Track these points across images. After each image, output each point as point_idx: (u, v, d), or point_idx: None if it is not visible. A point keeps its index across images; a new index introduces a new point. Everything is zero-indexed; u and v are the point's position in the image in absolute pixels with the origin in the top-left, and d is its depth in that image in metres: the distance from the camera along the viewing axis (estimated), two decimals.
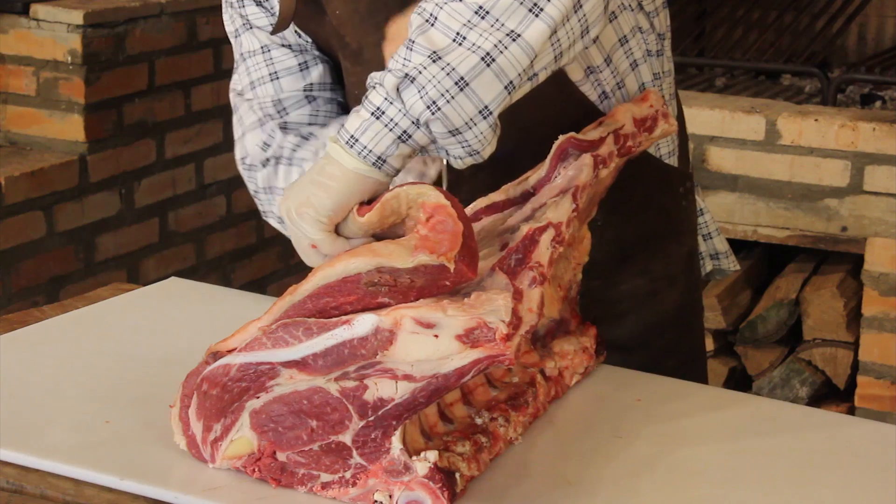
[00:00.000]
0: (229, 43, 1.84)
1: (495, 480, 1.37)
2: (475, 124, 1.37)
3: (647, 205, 1.74)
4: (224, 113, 3.76)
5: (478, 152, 1.40)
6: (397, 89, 1.36)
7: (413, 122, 1.37)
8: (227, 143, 3.77)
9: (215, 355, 1.37)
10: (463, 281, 1.33)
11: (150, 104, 3.54)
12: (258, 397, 1.34)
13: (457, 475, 1.31)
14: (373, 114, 1.37)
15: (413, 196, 1.34)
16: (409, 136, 1.37)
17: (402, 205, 1.35)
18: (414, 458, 1.30)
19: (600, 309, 1.71)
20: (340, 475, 1.32)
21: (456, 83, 1.36)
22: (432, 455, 1.30)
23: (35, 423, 1.46)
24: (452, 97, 1.36)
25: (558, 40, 1.40)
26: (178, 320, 1.77)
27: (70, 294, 3.25)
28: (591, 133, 1.53)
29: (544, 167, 1.53)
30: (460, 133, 1.37)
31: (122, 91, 3.45)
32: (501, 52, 1.36)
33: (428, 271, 1.31)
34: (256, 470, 1.35)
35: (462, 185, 1.64)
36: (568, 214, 1.46)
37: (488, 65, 1.36)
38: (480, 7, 1.37)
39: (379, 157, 1.38)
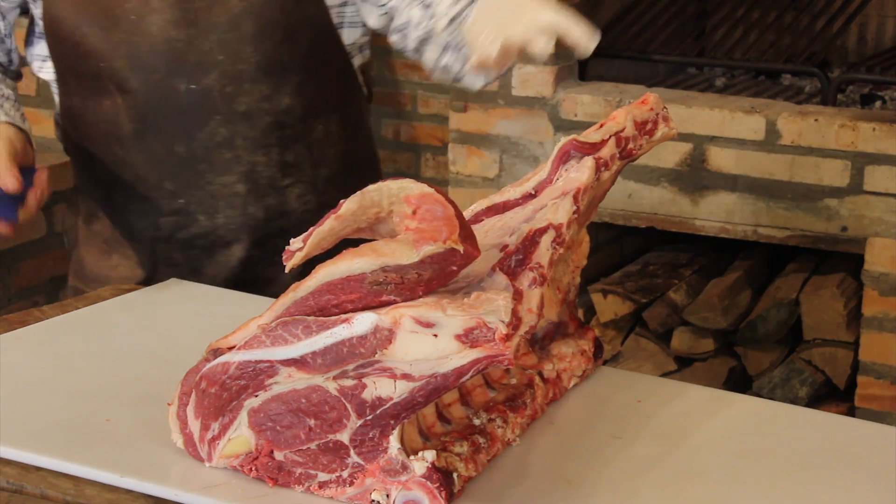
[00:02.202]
0: None
1: (494, 481, 1.37)
2: None
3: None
4: None
5: None
6: None
7: None
8: None
9: (216, 352, 1.37)
10: (470, 261, 1.32)
11: None
12: (256, 396, 1.34)
13: (454, 475, 1.31)
14: None
15: (395, 190, 1.32)
16: None
17: (384, 198, 1.33)
18: (412, 457, 1.30)
19: None
20: (338, 474, 1.32)
21: None
22: (430, 455, 1.30)
23: (35, 423, 1.46)
24: None
25: None
26: (178, 320, 1.78)
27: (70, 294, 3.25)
28: (592, 135, 1.54)
29: (546, 169, 1.53)
30: None
31: None
32: None
33: (435, 260, 1.30)
34: (254, 469, 1.35)
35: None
36: (569, 216, 1.46)
37: None
38: None
39: None
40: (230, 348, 1.36)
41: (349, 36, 1.97)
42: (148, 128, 1.92)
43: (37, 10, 2.01)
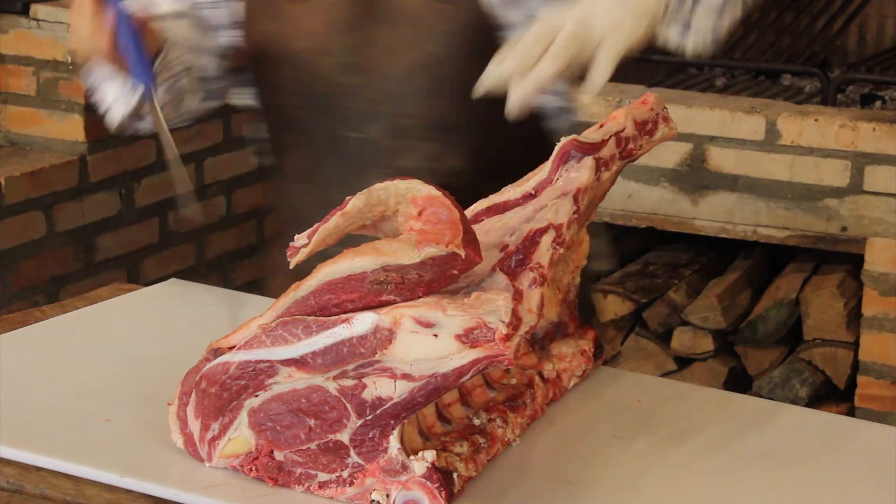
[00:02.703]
0: None
1: (494, 481, 1.37)
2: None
3: None
4: (224, 113, 3.76)
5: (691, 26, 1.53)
6: None
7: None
8: (228, 143, 3.78)
9: (216, 352, 1.37)
10: (471, 266, 1.32)
11: None
12: (256, 396, 1.34)
13: (454, 475, 1.31)
14: None
15: (402, 191, 1.32)
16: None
17: (391, 197, 1.32)
18: (412, 457, 1.30)
19: None
20: (338, 474, 1.32)
21: None
22: (430, 455, 1.30)
23: (35, 422, 1.46)
24: None
25: None
26: (178, 320, 1.77)
27: (70, 294, 3.25)
28: (593, 135, 1.54)
29: (546, 169, 1.53)
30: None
31: None
32: None
33: (436, 263, 1.30)
34: (254, 469, 1.35)
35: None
36: (569, 216, 1.46)
37: None
38: None
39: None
40: (230, 348, 1.36)
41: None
42: (313, 169, 1.84)
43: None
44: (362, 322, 1.30)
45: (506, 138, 1.74)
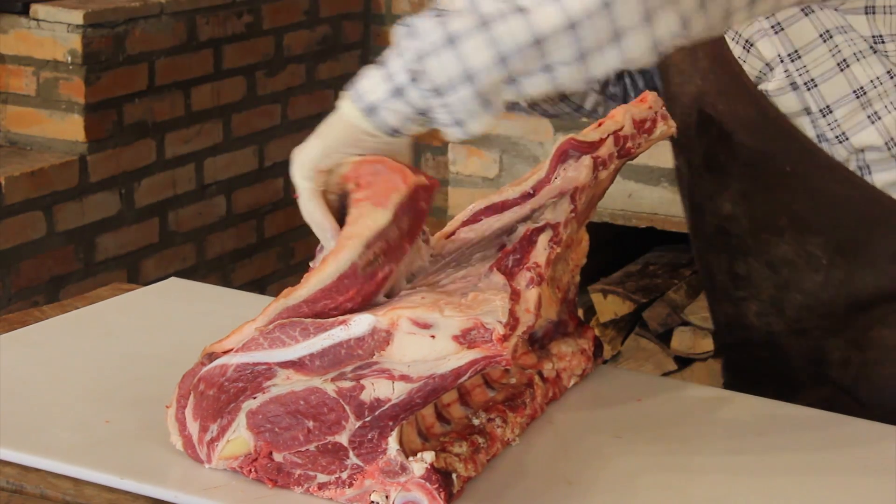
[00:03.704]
0: (229, 43, 1.82)
1: (493, 481, 1.37)
2: (456, 88, 1.28)
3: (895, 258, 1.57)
4: (224, 113, 3.76)
5: (462, 122, 1.30)
6: (401, 39, 1.32)
7: (407, 75, 1.30)
8: (227, 143, 3.78)
9: (211, 356, 1.37)
10: (433, 189, 1.33)
11: (150, 104, 3.54)
12: (255, 398, 1.34)
13: (454, 476, 1.31)
14: (378, 63, 1.33)
15: (336, 178, 1.36)
16: (402, 92, 1.30)
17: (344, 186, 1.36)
18: (410, 458, 1.30)
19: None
20: (337, 476, 1.32)
21: (446, 38, 1.28)
22: (429, 456, 1.30)
23: (35, 423, 1.46)
24: (437, 51, 1.28)
25: (580, 37, 1.27)
26: (178, 320, 1.77)
27: (70, 294, 3.25)
28: (591, 134, 1.53)
29: (544, 169, 1.53)
30: (443, 95, 1.29)
31: (122, 91, 3.45)
32: (501, 20, 1.27)
33: (405, 206, 1.31)
34: (253, 470, 1.35)
35: None
36: (566, 215, 1.46)
37: (482, 28, 1.27)
38: None
39: (369, 106, 1.32)
40: (225, 352, 1.36)
41: (840, 151, 1.56)
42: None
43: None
44: (360, 324, 1.30)
45: (780, 191, 1.59)
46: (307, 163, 1.36)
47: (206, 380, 1.36)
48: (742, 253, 1.62)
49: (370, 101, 1.32)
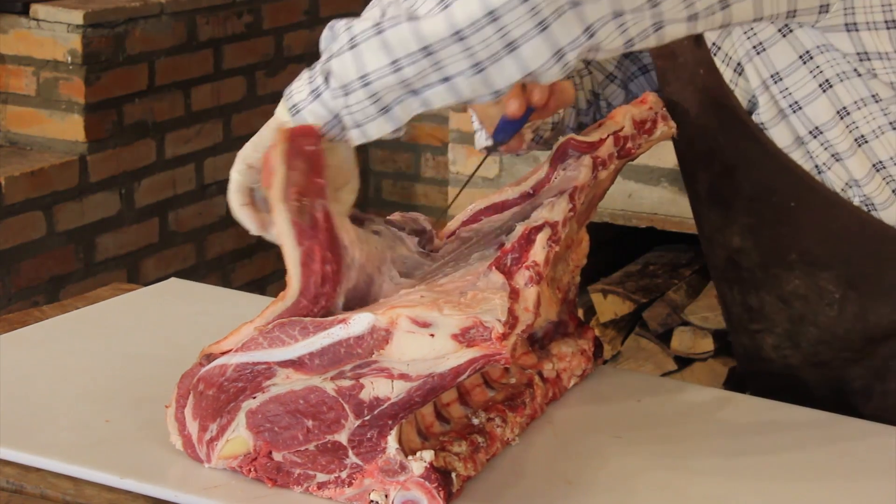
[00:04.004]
0: (229, 43, 1.83)
1: (493, 480, 1.37)
2: (354, 89, 1.33)
3: None
4: (224, 113, 3.76)
5: (361, 125, 1.35)
6: (323, 41, 1.37)
7: (322, 76, 1.35)
8: (227, 143, 3.78)
9: (209, 357, 1.37)
10: (316, 138, 1.38)
11: (150, 104, 3.54)
12: (254, 397, 1.34)
13: (453, 475, 1.31)
14: (311, 65, 1.38)
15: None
16: (319, 92, 1.35)
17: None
18: (410, 457, 1.30)
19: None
20: (336, 475, 1.32)
21: (349, 41, 1.32)
22: (428, 455, 1.30)
23: (35, 423, 1.46)
24: (342, 54, 1.33)
25: (470, 47, 1.28)
26: (178, 320, 1.77)
27: (70, 294, 3.25)
28: (591, 134, 1.54)
29: (544, 168, 1.53)
30: (345, 95, 1.33)
31: (122, 91, 3.45)
32: (393, 26, 1.30)
33: (290, 153, 1.37)
34: (252, 470, 1.35)
35: None
36: (564, 214, 1.46)
37: (378, 33, 1.31)
38: None
39: (294, 106, 1.37)
40: (223, 353, 1.36)
41: (834, 179, 1.52)
42: None
43: None
44: (359, 322, 1.30)
45: (785, 225, 1.57)
46: (239, 158, 1.43)
47: (206, 380, 1.36)
48: (754, 287, 1.60)
49: (295, 101, 1.38)
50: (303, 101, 1.37)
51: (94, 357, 1.64)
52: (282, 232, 1.37)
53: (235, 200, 1.43)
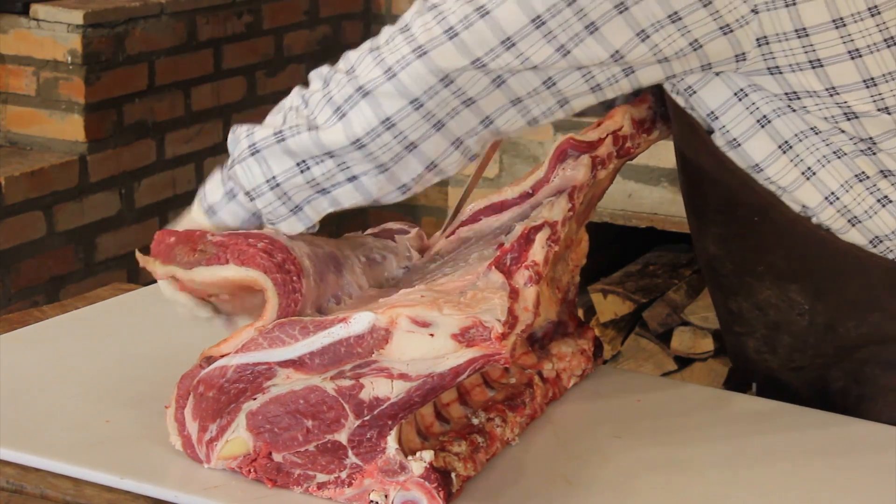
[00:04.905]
0: (229, 43, 1.83)
1: (493, 480, 1.37)
2: (262, 193, 1.40)
3: (873, 306, 1.53)
4: (224, 113, 3.76)
5: (273, 223, 1.42)
6: (229, 145, 1.43)
7: (230, 179, 1.42)
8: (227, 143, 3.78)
9: (209, 359, 1.37)
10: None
11: (150, 104, 3.54)
12: (255, 399, 1.34)
13: (453, 475, 1.31)
14: (223, 164, 1.43)
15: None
16: (234, 195, 1.42)
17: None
18: (410, 457, 1.30)
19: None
20: (336, 475, 1.32)
21: (249, 147, 1.40)
22: (428, 455, 1.30)
23: (35, 423, 1.46)
24: (243, 160, 1.40)
25: (371, 153, 1.38)
26: (178, 320, 1.77)
27: (70, 294, 3.25)
28: (590, 134, 1.54)
29: (543, 168, 1.53)
30: (253, 199, 1.41)
31: (122, 91, 3.45)
32: (294, 135, 1.38)
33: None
34: (252, 470, 1.35)
35: None
36: (564, 213, 1.46)
37: (279, 141, 1.38)
38: (303, 96, 1.41)
39: (210, 206, 1.44)
40: (223, 355, 1.36)
41: (796, 201, 1.50)
42: None
43: None
44: (359, 322, 1.30)
45: (754, 238, 1.56)
46: (161, 285, 1.49)
47: (206, 382, 1.36)
48: (732, 292, 1.61)
49: (210, 202, 1.44)
50: (217, 202, 1.43)
51: (94, 357, 1.64)
52: (213, 277, 1.40)
53: (167, 290, 1.49)
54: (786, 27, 1.40)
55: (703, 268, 1.65)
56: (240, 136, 1.41)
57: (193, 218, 1.45)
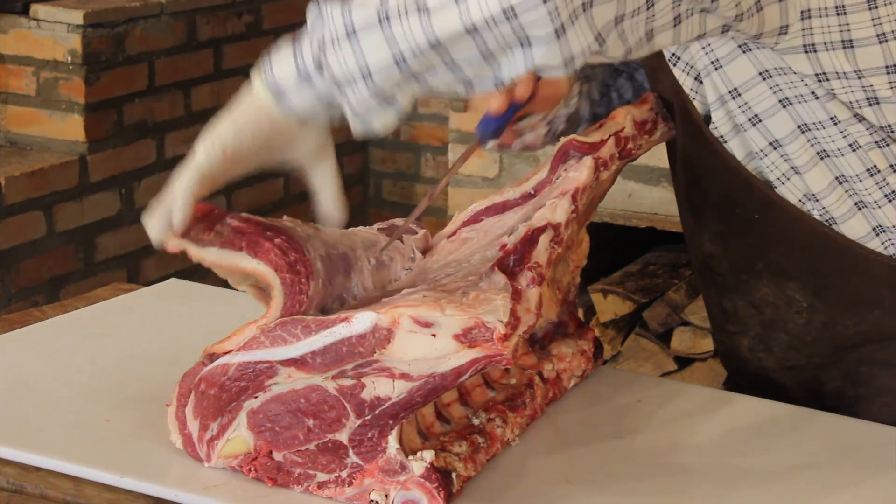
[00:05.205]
0: (229, 43, 1.80)
1: (493, 480, 1.37)
2: (354, 83, 1.26)
3: (874, 304, 1.53)
4: None
5: (362, 117, 1.28)
6: (310, 19, 1.28)
7: (313, 61, 1.26)
8: None
9: (212, 357, 1.37)
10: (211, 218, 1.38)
11: (150, 104, 3.54)
12: (256, 397, 1.34)
13: (453, 475, 1.31)
14: (293, 41, 1.29)
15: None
16: (310, 77, 1.27)
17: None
18: (410, 457, 1.30)
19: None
20: (337, 474, 1.32)
21: (348, 28, 1.24)
22: (429, 455, 1.30)
23: (35, 422, 1.46)
24: (340, 43, 1.25)
25: (483, 41, 1.23)
26: (178, 320, 1.77)
27: (70, 294, 3.25)
28: (592, 135, 1.54)
29: (545, 169, 1.53)
30: (342, 87, 1.26)
31: (122, 91, 3.45)
32: (401, 18, 1.23)
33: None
34: (253, 469, 1.35)
35: None
36: (567, 215, 1.46)
37: (380, 21, 1.24)
38: None
39: (278, 87, 1.28)
40: (226, 353, 1.36)
41: (792, 191, 1.51)
42: None
43: None
44: (361, 321, 1.30)
45: (752, 236, 1.56)
46: (216, 141, 1.33)
47: (208, 379, 1.36)
48: (727, 291, 1.61)
49: (279, 84, 1.29)
50: (289, 84, 1.28)
51: (94, 357, 1.64)
52: (223, 261, 1.37)
53: (190, 192, 1.33)
54: (828, 2, 1.41)
55: (698, 267, 1.65)
56: (330, 14, 1.25)
57: (258, 102, 1.30)
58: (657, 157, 3.22)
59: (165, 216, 1.34)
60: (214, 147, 1.33)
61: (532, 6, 1.21)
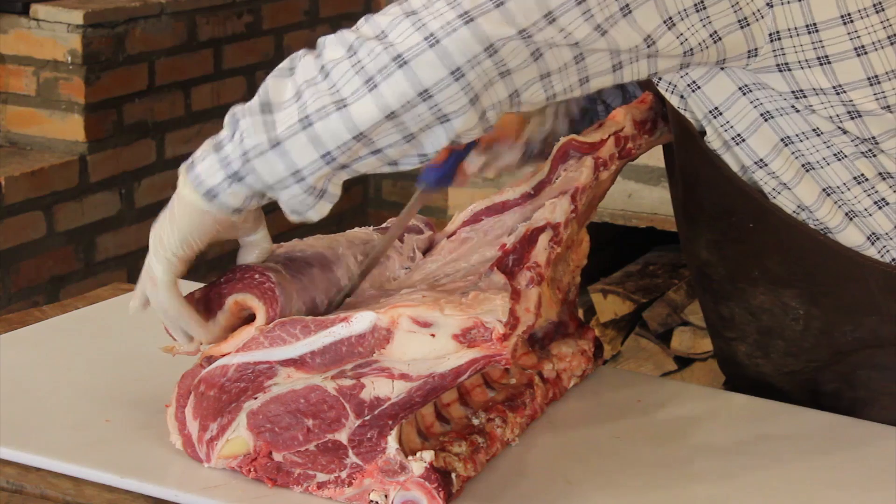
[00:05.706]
0: (229, 43, 1.82)
1: (493, 480, 1.37)
2: (286, 185, 1.32)
3: (870, 310, 1.53)
4: (224, 113, 3.76)
5: (299, 213, 1.35)
6: (234, 126, 1.33)
7: (241, 164, 1.32)
8: None
9: (209, 359, 1.37)
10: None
11: (150, 104, 3.54)
12: (256, 398, 1.34)
13: (453, 475, 1.31)
14: (215, 145, 1.35)
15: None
16: (239, 177, 1.33)
17: None
18: (410, 457, 1.30)
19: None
20: (336, 475, 1.32)
21: (271, 140, 1.31)
22: (428, 455, 1.30)
23: (35, 423, 1.46)
24: (263, 153, 1.31)
25: (402, 123, 1.29)
26: None
27: (70, 294, 3.25)
28: (592, 135, 1.54)
29: (545, 169, 1.53)
30: (275, 190, 1.33)
31: (122, 91, 3.45)
32: (322, 117, 1.29)
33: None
34: (252, 470, 1.35)
35: None
36: (566, 215, 1.46)
37: (305, 128, 1.30)
38: (323, 66, 1.31)
39: (210, 191, 1.34)
40: (223, 355, 1.36)
41: (786, 203, 1.50)
42: None
43: None
44: (361, 321, 1.30)
45: (748, 243, 1.56)
46: (167, 252, 1.40)
47: (207, 381, 1.36)
48: (724, 297, 1.61)
49: (209, 186, 1.34)
50: (219, 185, 1.34)
51: (94, 357, 1.64)
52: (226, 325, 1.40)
53: (172, 300, 1.40)
54: (798, 22, 1.40)
55: (694, 273, 1.65)
56: (247, 127, 1.32)
57: (193, 206, 1.36)
58: (657, 157, 3.22)
59: (185, 335, 1.41)
60: (168, 259, 1.40)
61: (445, 85, 1.27)
